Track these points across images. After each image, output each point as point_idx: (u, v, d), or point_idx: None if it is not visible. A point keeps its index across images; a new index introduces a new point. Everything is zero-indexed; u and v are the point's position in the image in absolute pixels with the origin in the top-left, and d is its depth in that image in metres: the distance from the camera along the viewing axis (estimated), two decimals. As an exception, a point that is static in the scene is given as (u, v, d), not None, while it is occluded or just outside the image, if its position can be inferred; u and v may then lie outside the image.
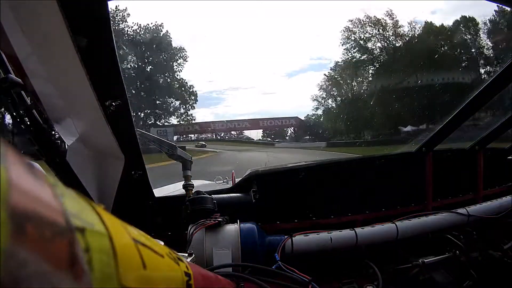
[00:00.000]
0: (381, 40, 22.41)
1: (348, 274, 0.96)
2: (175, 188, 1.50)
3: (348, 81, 24.41)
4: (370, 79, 23.09)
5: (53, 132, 0.77)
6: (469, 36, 20.41)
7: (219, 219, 0.88)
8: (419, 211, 1.12)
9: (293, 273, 0.76)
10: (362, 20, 22.56)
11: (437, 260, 1.00)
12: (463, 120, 1.19)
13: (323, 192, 1.19)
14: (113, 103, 0.70)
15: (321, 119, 26.91)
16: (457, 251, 1.01)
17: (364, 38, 22.78)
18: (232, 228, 0.88)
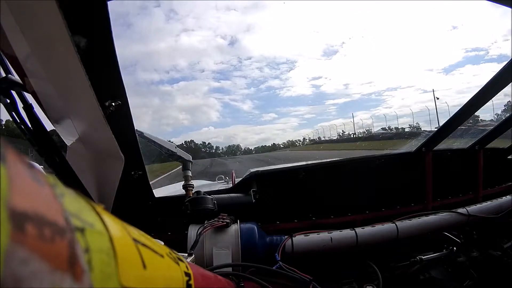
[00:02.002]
0: None
1: (348, 274, 0.96)
2: (175, 189, 1.50)
3: None
4: None
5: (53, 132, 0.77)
6: None
7: (227, 220, 0.88)
8: (419, 211, 1.12)
9: (294, 273, 0.76)
10: None
11: (435, 257, 1.00)
12: (463, 120, 1.19)
13: (323, 192, 1.19)
14: (113, 103, 0.70)
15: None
16: (454, 248, 1.02)
17: None
18: (232, 228, 0.88)
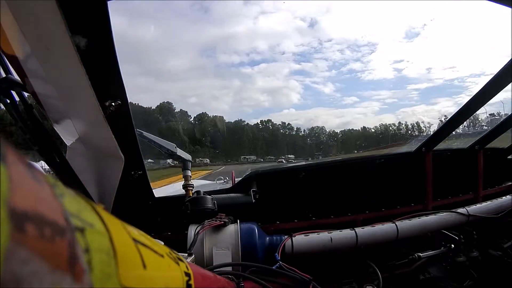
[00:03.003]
0: None
1: (348, 274, 0.96)
2: (175, 188, 1.50)
3: None
4: None
5: (53, 132, 0.77)
6: None
7: (225, 220, 0.88)
8: (419, 210, 1.12)
9: (294, 272, 0.76)
10: None
11: (433, 254, 1.00)
12: (463, 120, 1.19)
13: (323, 192, 1.19)
14: (113, 103, 0.70)
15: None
16: (452, 245, 1.02)
17: None
18: (232, 228, 0.88)
